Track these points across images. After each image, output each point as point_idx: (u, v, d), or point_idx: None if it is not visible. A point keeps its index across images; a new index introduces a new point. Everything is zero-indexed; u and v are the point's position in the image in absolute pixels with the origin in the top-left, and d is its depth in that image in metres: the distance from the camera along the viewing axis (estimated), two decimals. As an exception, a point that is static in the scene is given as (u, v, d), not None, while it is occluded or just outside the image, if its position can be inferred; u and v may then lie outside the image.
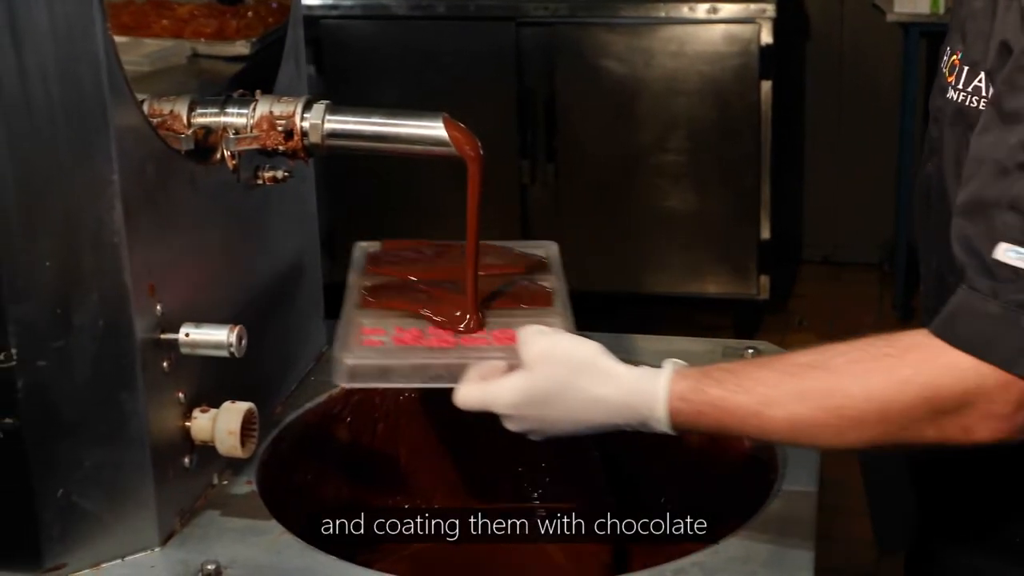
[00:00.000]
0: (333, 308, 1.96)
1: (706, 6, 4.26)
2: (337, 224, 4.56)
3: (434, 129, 1.50)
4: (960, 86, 1.42)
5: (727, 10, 4.26)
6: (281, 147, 1.51)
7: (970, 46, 1.41)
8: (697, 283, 4.45)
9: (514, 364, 1.41)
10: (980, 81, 1.38)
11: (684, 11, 4.27)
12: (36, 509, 1.36)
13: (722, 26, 4.27)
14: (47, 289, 1.32)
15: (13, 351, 1.32)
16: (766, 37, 4.26)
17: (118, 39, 2.33)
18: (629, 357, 1.80)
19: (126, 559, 1.42)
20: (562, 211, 4.45)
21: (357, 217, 4.58)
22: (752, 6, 4.26)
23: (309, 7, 4.45)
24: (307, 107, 1.51)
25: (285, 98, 1.52)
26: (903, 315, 4.57)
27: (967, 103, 1.40)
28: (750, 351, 1.80)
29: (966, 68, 1.41)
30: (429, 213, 4.50)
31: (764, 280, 4.40)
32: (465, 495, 1.84)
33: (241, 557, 1.42)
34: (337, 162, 4.51)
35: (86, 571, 1.40)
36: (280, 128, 1.50)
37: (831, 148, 5.02)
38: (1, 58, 1.25)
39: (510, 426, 1.41)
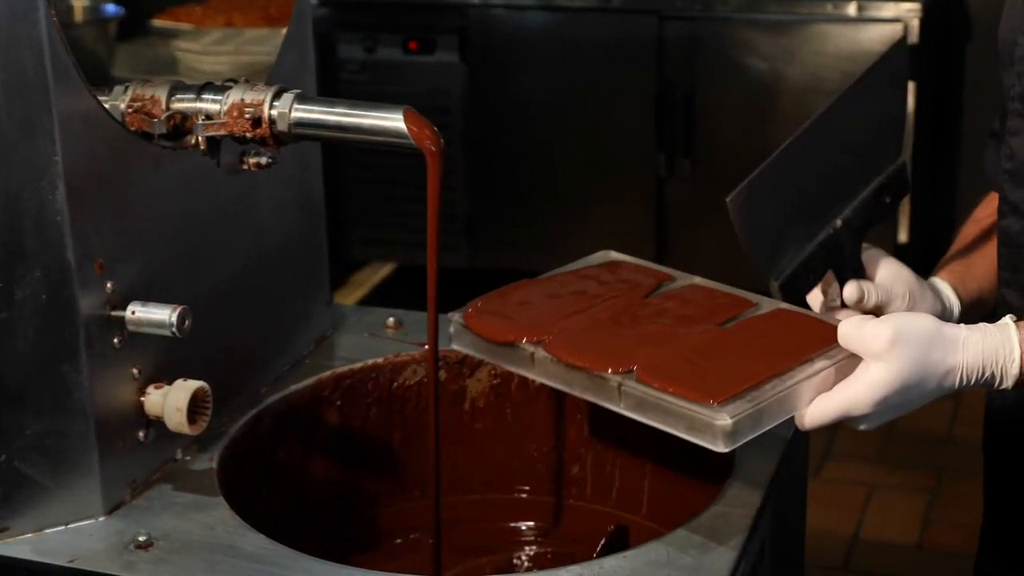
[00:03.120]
0: (474, 291, 1.97)
1: (852, 4, 4.18)
2: (477, 211, 4.61)
3: (394, 121, 1.52)
4: None
5: (873, 9, 4.17)
6: (249, 134, 1.54)
7: None
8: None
9: (841, 362, 1.41)
10: None
11: (828, 9, 4.21)
12: (-22, 473, 1.42)
13: (867, 25, 4.19)
14: (-11, 263, 1.38)
15: (-45, 321, 1.38)
16: (913, 37, 4.16)
17: (258, 31, 2.41)
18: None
19: (69, 526, 1.47)
20: (698, 206, 4.42)
21: (498, 203, 4.62)
22: (901, 5, 4.17)
23: (458, -5, 4.51)
24: (277, 96, 1.54)
25: (258, 86, 1.55)
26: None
27: None
28: None
29: None
30: (569, 200, 4.53)
31: (900, 286, 4.29)
32: (459, 483, 1.86)
33: (176, 531, 1.46)
34: (478, 149, 4.57)
35: (29, 535, 1.46)
36: (248, 116, 1.54)
37: (991, 153, 4.86)
38: (-56, 41, 1.32)
39: (863, 425, 1.41)
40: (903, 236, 4.29)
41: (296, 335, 1.82)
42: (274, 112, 1.54)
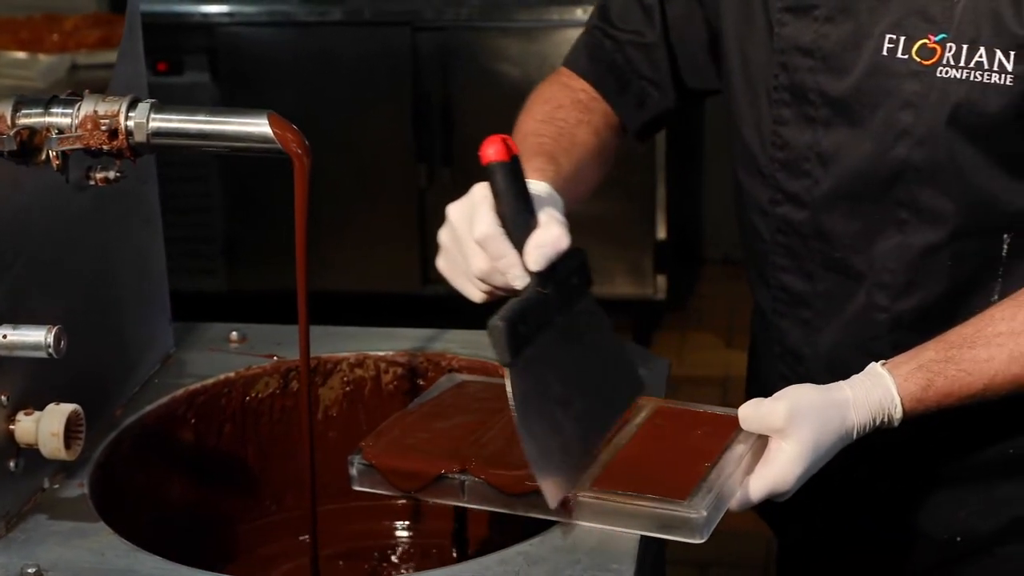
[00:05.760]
0: (235, 314, 1.96)
1: (600, 8, 4.28)
2: (235, 233, 4.55)
3: (259, 126, 1.50)
4: (962, 64, 1.54)
5: (620, 12, 4.28)
6: (106, 147, 1.50)
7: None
8: (595, 284, 4.46)
9: (754, 443, 1.48)
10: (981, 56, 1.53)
11: (578, 14, 4.29)
12: None
13: (615, 28, 4.29)
14: None
15: None
16: (658, 38, 4.28)
17: (15, 55, 2.33)
18: (479, 353, 1.82)
19: (-54, 564, 1.41)
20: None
21: (257, 224, 4.56)
22: (646, 8, 4.28)
23: (204, 15, 4.44)
24: (132, 106, 1.50)
25: (110, 97, 1.51)
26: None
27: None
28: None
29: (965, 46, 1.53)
30: (331, 216, 4.50)
31: (661, 280, 4.43)
32: (318, 494, 1.83)
33: (64, 560, 1.41)
34: (234, 169, 4.50)
35: (-95, 578, 1.39)
36: (104, 128, 1.49)
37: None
38: None
39: (786, 497, 1.47)
40: (662, 233, 4.41)
41: (143, 354, 1.77)
42: (130, 123, 1.50)
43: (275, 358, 1.81)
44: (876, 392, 1.49)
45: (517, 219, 1.43)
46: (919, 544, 1.76)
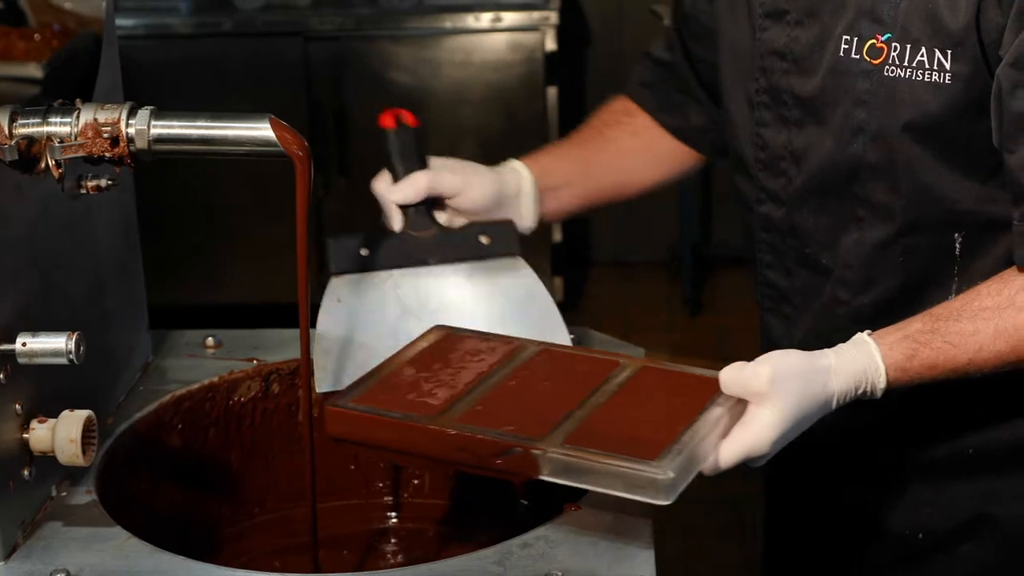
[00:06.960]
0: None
1: (490, 15, 4.33)
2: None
3: (261, 130, 1.52)
4: (906, 63, 1.59)
5: (511, 19, 4.34)
6: (107, 154, 1.50)
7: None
8: (493, 287, 4.51)
9: (732, 407, 1.47)
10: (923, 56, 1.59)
11: (469, 21, 4.34)
12: None
13: (507, 35, 4.35)
14: None
15: None
16: (550, 44, 4.35)
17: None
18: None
19: (-31, 575, 1.41)
20: (357, 224, 4.45)
21: (157, 239, 4.52)
22: (535, 14, 4.35)
23: (90, 28, 4.39)
24: (132, 113, 1.51)
25: (108, 105, 1.52)
26: (693, 309, 4.76)
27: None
28: (572, 336, 1.86)
29: (908, 45, 1.59)
30: (228, 230, 4.48)
31: (558, 282, 4.50)
32: (298, 496, 1.85)
33: (89, 564, 1.42)
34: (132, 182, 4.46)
35: (-70, 590, 1.39)
36: (106, 135, 1.50)
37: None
38: None
39: (762, 462, 1.47)
40: (557, 236, 4.48)
41: (127, 362, 1.78)
42: (131, 130, 1.51)
43: (255, 362, 1.83)
44: (861, 360, 1.51)
45: (398, 174, 1.81)
46: (881, 539, 1.81)
